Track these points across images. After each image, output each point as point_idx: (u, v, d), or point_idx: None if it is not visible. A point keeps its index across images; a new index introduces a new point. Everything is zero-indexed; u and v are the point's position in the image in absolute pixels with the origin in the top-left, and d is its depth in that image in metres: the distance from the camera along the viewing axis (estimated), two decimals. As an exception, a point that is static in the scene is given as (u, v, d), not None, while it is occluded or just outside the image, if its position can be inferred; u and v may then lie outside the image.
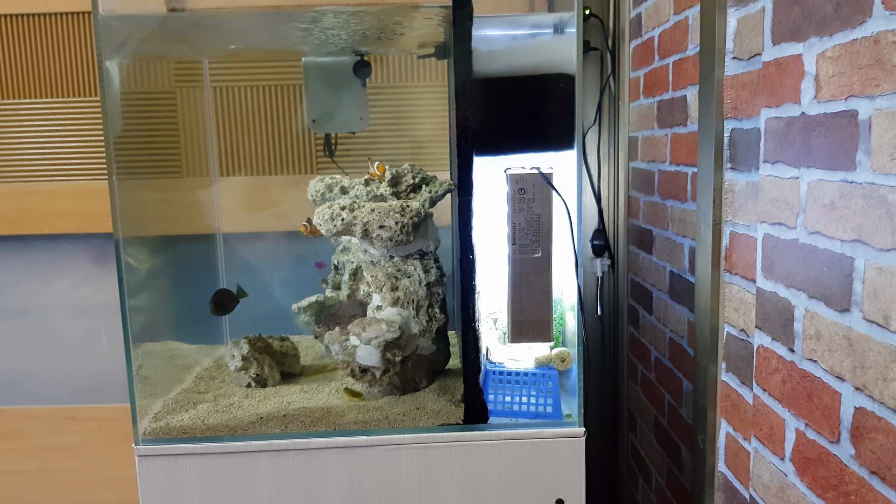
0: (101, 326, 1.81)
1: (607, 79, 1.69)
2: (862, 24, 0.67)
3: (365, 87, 1.53)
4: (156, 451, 1.07)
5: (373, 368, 1.14)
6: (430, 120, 1.69)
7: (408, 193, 1.24)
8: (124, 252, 1.09)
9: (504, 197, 1.13)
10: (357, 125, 1.56)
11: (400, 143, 1.69)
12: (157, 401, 1.20)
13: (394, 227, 1.13)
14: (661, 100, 1.40)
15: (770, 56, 0.86)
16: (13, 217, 1.74)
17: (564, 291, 1.23)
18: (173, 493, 1.08)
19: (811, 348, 0.78)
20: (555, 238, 1.12)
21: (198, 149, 1.62)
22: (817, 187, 0.76)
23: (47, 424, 1.84)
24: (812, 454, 0.79)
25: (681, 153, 1.30)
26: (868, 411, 0.68)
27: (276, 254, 1.67)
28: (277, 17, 1.17)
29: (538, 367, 1.19)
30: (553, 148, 1.15)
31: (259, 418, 1.11)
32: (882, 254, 0.65)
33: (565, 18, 1.16)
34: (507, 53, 1.22)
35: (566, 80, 1.09)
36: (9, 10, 1.67)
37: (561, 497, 1.10)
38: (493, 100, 1.18)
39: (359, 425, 1.10)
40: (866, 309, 0.68)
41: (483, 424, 1.11)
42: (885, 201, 0.64)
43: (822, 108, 0.74)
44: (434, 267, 1.19)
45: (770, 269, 0.87)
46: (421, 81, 1.68)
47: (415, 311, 1.16)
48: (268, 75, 1.66)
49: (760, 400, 0.91)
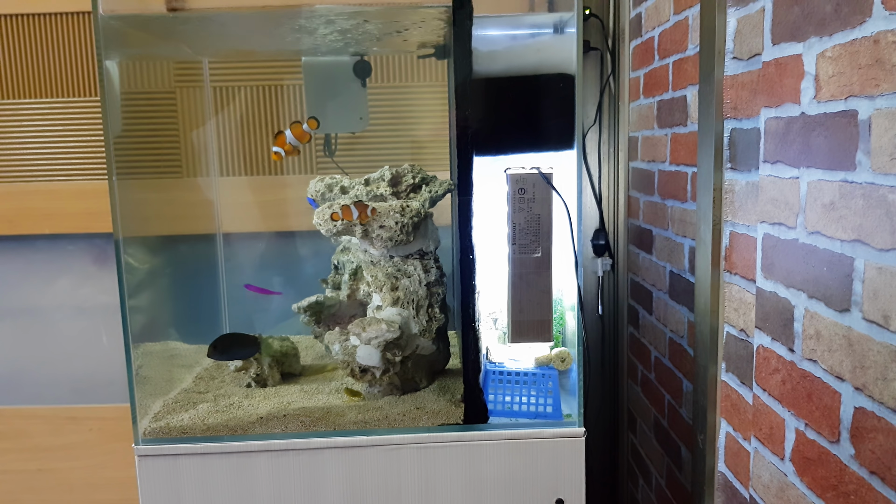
0: (101, 326, 1.81)
1: (607, 79, 1.69)
2: (862, 24, 0.67)
3: (365, 87, 1.53)
4: (156, 451, 1.07)
5: (373, 368, 1.14)
6: (430, 120, 1.69)
7: (408, 193, 1.24)
8: (124, 252, 1.09)
9: (504, 197, 1.13)
10: (357, 125, 1.56)
11: (400, 143, 1.69)
12: (157, 401, 1.20)
13: (394, 227, 1.13)
14: (661, 100, 1.40)
15: (770, 56, 0.86)
16: (13, 217, 1.74)
17: (564, 291, 1.23)
18: (173, 493, 1.08)
19: (811, 348, 0.78)
20: (555, 238, 1.12)
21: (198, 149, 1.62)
22: (817, 187, 0.76)
23: (47, 424, 1.84)
24: (812, 454, 0.79)
25: (681, 153, 1.30)
26: (868, 411, 0.68)
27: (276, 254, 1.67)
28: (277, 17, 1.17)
29: (538, 367, 1.19)
30: (553, 148, 1.15)
31: (259, 418, 1.11)
32: (882, 254, 0.65)
33: (565, 18, 1.16)
34: (507, 53, 1.22)
35: (566, 80, 1.09)
36: (9, 10, 1.67)
37: (561, 497, 1.10)
38: (493, 100, 1.18)
39: (359, 425, 1.10)
40: (866, 309, 0.68)
41: (483, 424, 1.11)
42: (885, 201, 0.64)
43: (822, 108, 0.74)
44: (434, 267, 1.19)
45: (770, 269, 0.87)
46: (421, 81, 1.68)
47: (415, 311, 1.16)
48: (268, 75, 1.66)
49: (760, 400, 0.91)
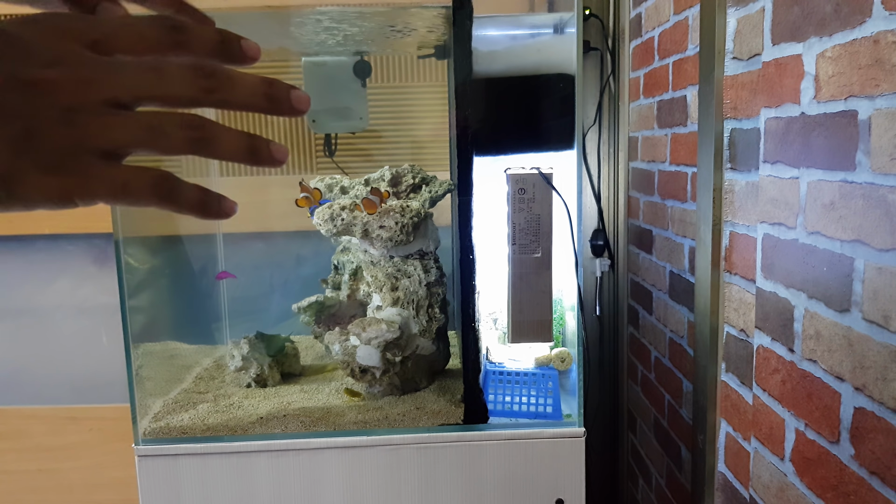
0: (101, 326, 1.81)
1: (607, 79, 1.68)
2: (862, 24, 0.67)
3: (365, 87, 1.53)
4: (156, 451, 1.07)
5: (373, 368, 1.14)
6: (430, 120, 1.69)
7: (408, 193, 1.24)
8: (124, 252, 1.09)
9: (504, 197, 1.13)
10: (357, 125, 1.56)
11: (400, 143, 1.69)
12: (157, 401, 1.20)
13: (394, 227, 1.13)
14: (661, 100, 1.40)
15: (770, 56, 0.86)
16: (13, 217, 1.74)
17: (564, 291, 1.23)
18: (173, 493, 1.08)
19: (811, 348, 0.78)
20: (555, 238, 1.12)
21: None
22: (817, 187, 0.76)
23: (47, 424, 1.84)
24: (812, 454, 0.79)
25: (681, 153, 1.30)
26: (868, 411, 0.68)
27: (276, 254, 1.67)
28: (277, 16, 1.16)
29: (538, 367, 1.19)
30: (553, 148, 1.15)
31: (259, 418, 1.11)
32: (882, 254, 0.65)
33: (565, 18, 1.16)
34: (507, 53, 1.22)
35: (566, 80, 1.09)
36: (9, 10, 1.67)
37: (561, 497, 1.10)
38: (493, 100, 1.18)
39: (359, 425, 1.10)
40: (866, 309, 0.68)
41: (483, 424, 1.11)
42: (885, 201, 0.64)
43: (822, 109, 0.75)
44: (434, 267, 1.19)
45: (770, 270, 0.87)
46: (421, 81, 1.68)
47: (415, 311, 1.16)
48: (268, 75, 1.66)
49: (760, 400, 0.91)
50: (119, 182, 0.30)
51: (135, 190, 0.31)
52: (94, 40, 0.31)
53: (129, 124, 0.31)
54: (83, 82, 0.30)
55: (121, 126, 0.30)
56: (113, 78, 0.31)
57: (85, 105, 0.30)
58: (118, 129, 0.30)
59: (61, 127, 0.30)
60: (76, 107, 0.30)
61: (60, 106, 0.30)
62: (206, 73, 0.32)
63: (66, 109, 0.30)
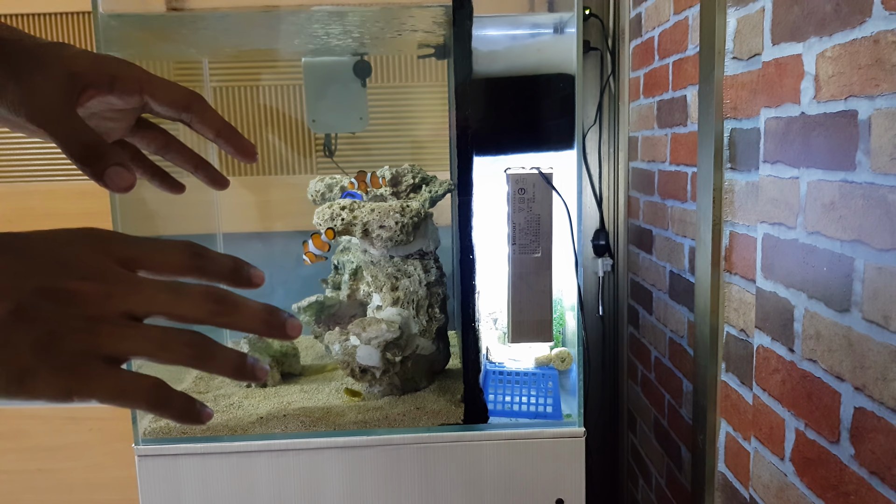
0: (101, 326, 1.81)
1: (607, 79, 1.69)
2: (862, 24, 0.67)
3: (365, 87, 1.53)
4: (156, 451, 1.07)
5: (373, 368, 1.14)
6: (430, 120, 1.69)
7: (408, 193, 1.24)
8: (124, 252, 1.09)
9: (504, 197, 1.13)
10: (357, 125, 1.56)
11: (400, 143, 1.69)
12: (157, 401, 1.20)
13: (394, 227, 1.13)
14: (661, 100, 1.40)
15: (770, 56, 0.86)
16: (13, 217, 1.74)
17: (564, 291, 1.23)
18: (173, 493, 1.08)
19: (811, 348, 0.78)
20: (555, 238, 1.12)
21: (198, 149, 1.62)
22: (817, 187, 0.76)
23: (47, 424, 1.84)
24: (812, 454, 0.79)
25: (681, 153, 1.30)
26: (868, 411, 0.68)
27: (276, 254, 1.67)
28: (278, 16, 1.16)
29: (538, 367, 1.19)
30: (553, 148, 1.15)
31: (259, 418, 1.11)
32: (882, 254, 0.65)
33: (565, 18, 1.16)
34: (507, 53, 1.22)
35: (566, 80, 1.09)
36: (9, 10, 1.67)
37: (561, 497, 1.10)
38: (493, 100, 1.18)
39: (359, 425, 1.10)
40: (866, 309, 0.68)
41: (483, 424, 1.11)
42: (885, 201, 0.64)
43: (822, 109, 0.75)
44: (434, 267, 1.19)
45: (770, 270, 0.87)
46: (421, 81, 1.68)
47: (415, 311, 1.16)
48: (268, 75, 1.66)
49: (760, 400, 0.91)
50: (118, 388, 0.34)
51: (130, 396, 0.34)
52: (126, 258, 0.36)
53: (141, 337, 0.34)
54: (109, 296, 0.34)
55: (132, 337, 0.34)
56: (135, 294, 0.35)
57: (105, 315, 0.34)
58: (129, 340, 0.34)
59: (81, 334, 0.33)
60: (97, 316, 0.33)
61: (85, 315, 0.33)
62: (216, 299, 0.36)
63: (89, 318, 0.33)
